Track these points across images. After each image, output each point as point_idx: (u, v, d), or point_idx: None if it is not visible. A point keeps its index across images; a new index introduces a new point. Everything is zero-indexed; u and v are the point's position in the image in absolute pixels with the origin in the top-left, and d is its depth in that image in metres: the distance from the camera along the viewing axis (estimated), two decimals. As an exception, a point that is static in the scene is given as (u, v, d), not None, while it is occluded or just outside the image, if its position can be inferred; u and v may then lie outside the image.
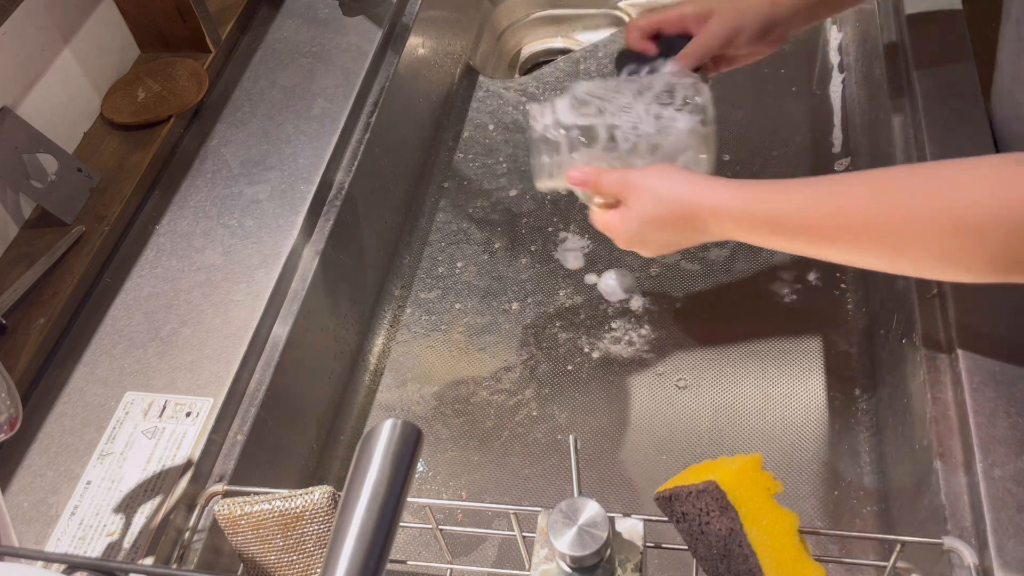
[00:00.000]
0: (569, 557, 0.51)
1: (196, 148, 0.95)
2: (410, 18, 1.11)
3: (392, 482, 0.40)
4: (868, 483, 0.80)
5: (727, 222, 0.65)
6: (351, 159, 0.95)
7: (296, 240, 0.85)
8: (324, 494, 0.62)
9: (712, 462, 0.57)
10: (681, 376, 0.90)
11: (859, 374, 0.87)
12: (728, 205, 0.64)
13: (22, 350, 0.76)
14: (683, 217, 0.67)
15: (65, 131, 0.92)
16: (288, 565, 0.63)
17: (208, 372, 0.76)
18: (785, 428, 0.85)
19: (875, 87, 1.00)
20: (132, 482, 0.69)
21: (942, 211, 0.54)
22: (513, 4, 1.38)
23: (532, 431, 0.89)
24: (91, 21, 0.96)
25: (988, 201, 0.52)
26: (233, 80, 1.02)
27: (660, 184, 0.68)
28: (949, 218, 0.53)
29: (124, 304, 0.82)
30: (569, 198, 1.07)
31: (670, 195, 0.67)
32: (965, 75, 0.86)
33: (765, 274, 0.96)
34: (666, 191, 0.67)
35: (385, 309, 1.01)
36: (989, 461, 0.62)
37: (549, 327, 0.96)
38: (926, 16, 0.93)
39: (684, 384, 0.89)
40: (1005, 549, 0.58)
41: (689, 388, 0.89)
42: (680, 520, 0.58)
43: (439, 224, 1.08)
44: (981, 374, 0.66)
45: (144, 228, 0.88)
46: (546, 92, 1.20)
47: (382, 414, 0.93)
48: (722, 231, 0.66)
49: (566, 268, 1.00)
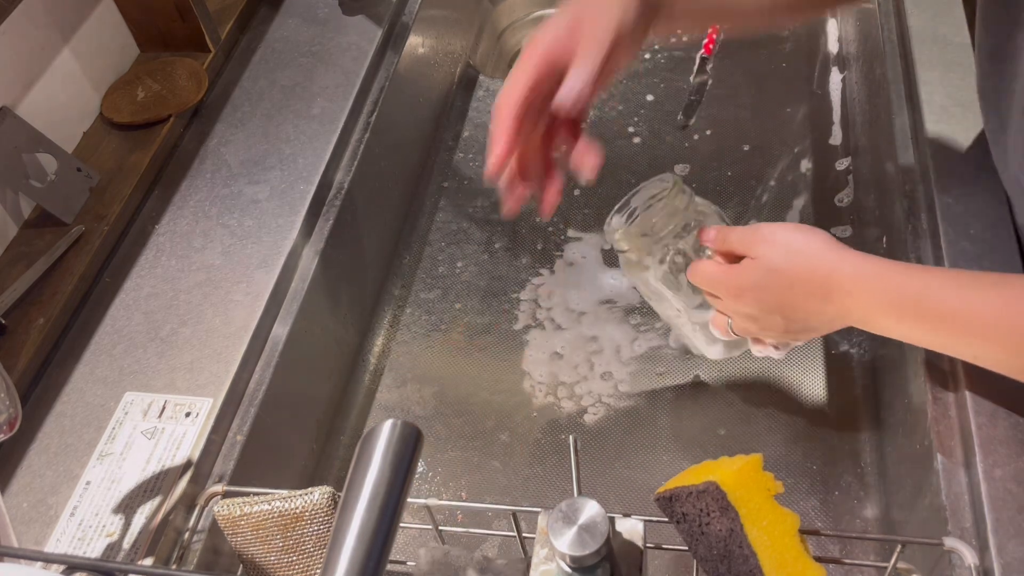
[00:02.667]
0: (569, 557, 0.51)
1: (196, 148, 0.95)
2: (410, 17, 1.11)
3: (392, 482, 0.40)
4: (868, 483, 0.80)
5: (866, 293, 0.57)
6: (351, 159, 0.95)
7: (296, 240, 0.85)
8: (324, 494, 0.62)
9: (712, 462, 0.57)
10: (681, 377, 0.90)
11: (859, 374, 0.87)
12: (874, 272, 0.57)
13: (22, 350, 0.76)
14: (816, 278, 0.58)
15: (65, 131, 0.92)
16: (288, 565, 0.63)
17: (208, 372, 0.76)
18: (785, 428, 0.85)
19: (875, 86, 1.00)
20: (131, 482, 0.69)
21: None
22: (513, 4, 1.38)
23: (532, 431, 0.89)
24: (91, 21, 0.96)
25: None
26: (233, 80, 1.02)
27: (797, 236, 0.59)
28: None
29: (124, 304, 0.82)
30: (570, 199, 1.07)
31: (808, 249, 0.59)
32: (965, 74, 0.86)
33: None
34: (803, 244, 0.59)
35: (385, 309, 1.01)
36: (990, 461, 0.62)
37: (549, 326, 0.96)
38: (926, 16, 0.93)
39: (685, 385, 0.89)
40: (1006, 549, 0.58)
41: (689, 388, 0.89)
42: (680, 520, 0.57)
43: (439, 224, 1.08)
44: (981, 374, 0.66)
45: (144, 228, 0.88)
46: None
47: (382, 414, 0.93)
48: (855, 304, 0.57)
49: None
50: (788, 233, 0.60)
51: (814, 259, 0.58)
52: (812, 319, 0.61)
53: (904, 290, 0.56)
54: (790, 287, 0.59)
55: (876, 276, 0.57)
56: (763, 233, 0.61)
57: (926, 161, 0.80)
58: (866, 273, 0.57)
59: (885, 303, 0.56)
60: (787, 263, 0.59)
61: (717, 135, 1.10)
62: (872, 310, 0.57)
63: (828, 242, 0.59)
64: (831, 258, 0.58)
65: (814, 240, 0.59)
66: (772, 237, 0.60)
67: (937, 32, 0.91)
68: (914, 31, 0.92)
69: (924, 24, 0.92)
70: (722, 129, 1.11)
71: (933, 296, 0.55)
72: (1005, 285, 0.54)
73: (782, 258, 0.59)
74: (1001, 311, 0.53)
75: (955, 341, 0.56)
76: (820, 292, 0.58)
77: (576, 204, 1.07)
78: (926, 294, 0.55)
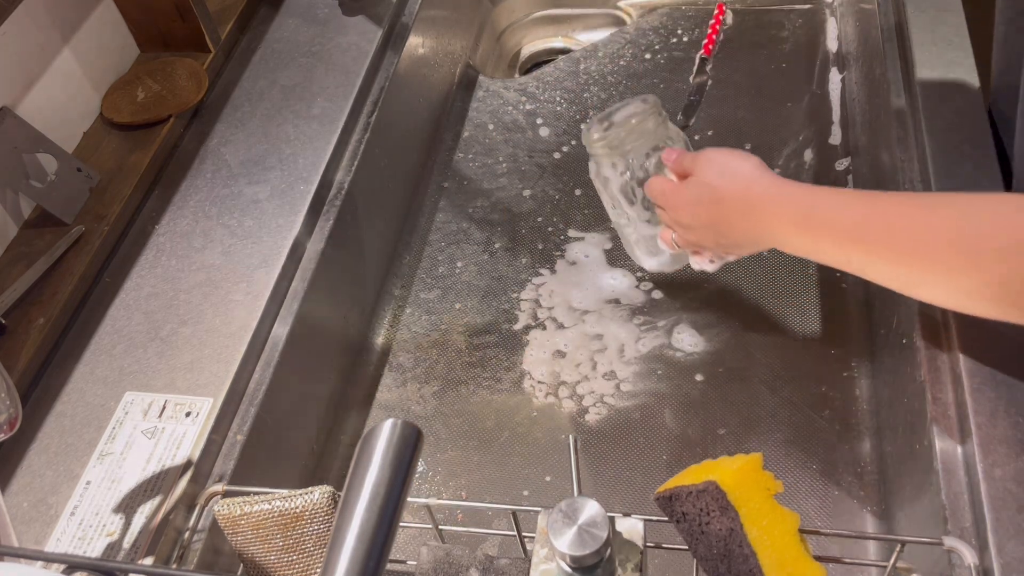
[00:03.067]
0: (569, 557, 0.51)
1: (196, 148, 0.95)
2: (410, 18, 1.11)
3: (392, 482, 0.40)
4: (868, 483, 0.80)
5: (777, 210, 0.63)
6: (351, 159, 0.95)
7: (296, 240, 0.85)
8: (324, 494, 0.62)
9: (712, 462, 0.57)
10: (681, 377, 0.90)
11: (859, 374, 0.87)
12: (785, 192, 0.63)
13: (22, 350, 0.76)
14: (740, 196, 0.65)
15: (65, 131, 0.92)
16: (288, 565, 0.63)
17: (208, 372, 0.76)
18: (785, 428, 0.85)
19: (875, 86, 1.00)
20: (132, 482, 0.69)
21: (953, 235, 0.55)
22: (513, 4, 1.38)
23: (532, 431, 0.89)
24: (91, 21, 0.96)
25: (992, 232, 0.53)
26: (233, 80, 1.02)
27: (731, 159, 0.66)
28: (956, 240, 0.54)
29: (124, 304, 0.82)
30: (571, 199, 1.07)
31: (739, 171, 0.65)
32: (965, 74, 0.86)
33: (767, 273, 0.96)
34: (736, 166, 0.66)
35: (385, 309, 1.01)
36: (989, 461, 0.62)
37: (549, 326, 0.96)
38: (926, 16, 0.93)
39: (685, 385, 0.89)
40: (1005, 549, 0.58)
41: (689, 388, 0.89)
42: (680, 520, 0.58)
43: (439, 224, 1.08)
44: (981, 374, 0.66)
45: (144, 228, 0.88)
46: (546, 92, 1.20)
47: (382, 414, 0.93)
48: (770, 222, 0.64)
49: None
50: (725, 156, 0.67)
51: (741, 180, 0.65)
52: (737, 234, 0.67)
53: (802, 205, 0.62)
54: (719, 202, 0.66)
55: (786, 195, 0.63)
56: (707, 155, 0.68)
57: (925, 161, 0.80)
58: (778, 193, 0.63)
59: (789, 219, 0.62)
60: (719, 181, 0.66)
61: (718, 135, 1.10)
62: (782, 227, 0.63)
63: (758, 167, 0.65)
64: (755, 180, 0.65)
65: (745, 164, 0.66)
66: (711, 158, 0.68)
67: (937, 32, 0.91)
68: (914, 31, 0.92)
69: (924, 24, 0.92)
70: (722, 129, 1.11)
71: (825, 211, 0.61)
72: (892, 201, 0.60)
73: (716, 177, 0.66)
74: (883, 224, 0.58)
75: (839, 252, 0.61)
76: (743, 208, 0.65)
77: (577, 204, 1.07)
78: (820, 209, 0.61)
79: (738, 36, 1.22)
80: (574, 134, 1.14)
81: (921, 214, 0.57)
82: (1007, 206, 0.54)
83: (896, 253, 0.58)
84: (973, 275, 0.54)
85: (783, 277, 0.95)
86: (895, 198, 0.61)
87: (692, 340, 0.92)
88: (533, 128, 1.16)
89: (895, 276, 0.60)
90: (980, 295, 0.55)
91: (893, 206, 0.59)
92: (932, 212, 0.57)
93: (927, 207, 0.58)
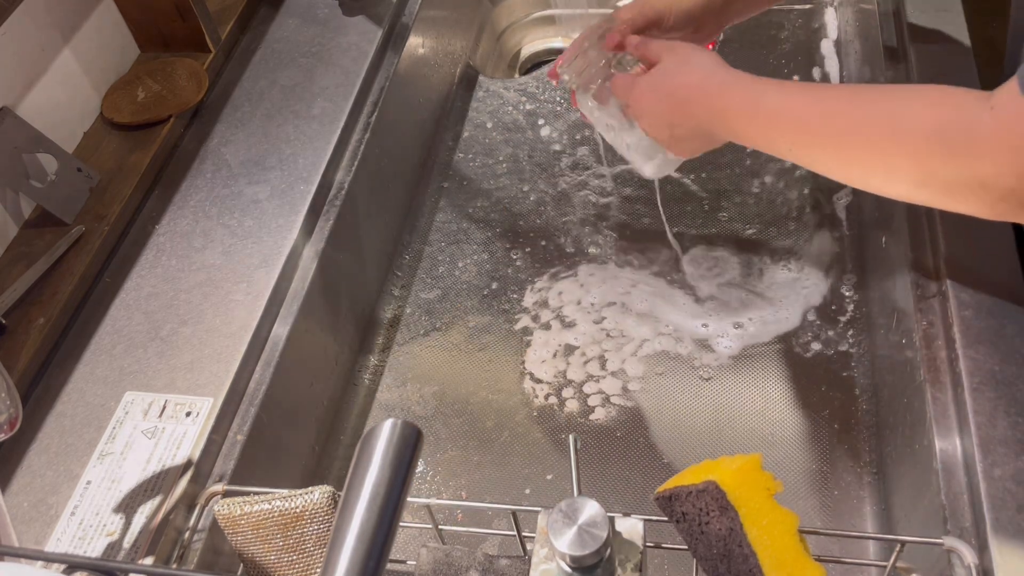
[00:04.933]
0: (569, 557, 0.51)
1: (196, 148, 0.95)
2: (410, 18, 1.11)
3: (392, 482, 0.40)
4: (868, 483, 0.80)
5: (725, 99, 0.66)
6: (351, 159, 0.95)
7: (296, 240, 0.85)
8: (324, 494, 0.62)
9: (712, 462, 0.57)
10: (681, 377, 0.90)
11: (859, 374, 0.87)
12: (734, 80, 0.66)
13: (22, 350, 0.76)
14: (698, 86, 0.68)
15: (65, 131, 0.92)
16: (288, 565, 0.63)
17: (208, 372, 0.76)
18: (785, 428, 0.85)
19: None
20: (132, 482, 0.69)
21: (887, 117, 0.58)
22: (513, 4, 1.38)
23: (532, 431, 0.89)
24: (91, 21, 0.96)
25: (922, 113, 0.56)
26: (233, 80, 1.02)
27: (693, 52, 0.70)
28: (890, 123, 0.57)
29: (124, 304, 0.82)
30: (570, 200, 1.07)
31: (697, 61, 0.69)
32: (965, 74, 0.86)
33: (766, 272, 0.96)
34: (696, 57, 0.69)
35: (385, 309, 1.01)
36: (989, 461, 0.62)
37: (549, 326, 0.96)
38: (926, 16, 0.93)
39: (684, 385, 0.89)
40: (1005, 549, 0.58)
41: (689, 388, 0.89)
42: (680, 520, 0.58)
43: (439, 224, 1.08)
44: (981, 374, 0.66)
45: (144, 228, 0.88)
46: (546, 92, 1.20)
47: (382, 414, 0.93)
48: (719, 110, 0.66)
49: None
50: (686, 48, 0.70)
51: (698, 70, 0.68)
52: (692, 123, 0.69)
53: (751, 93, 0.65)
54: (675, 90, 0.69)
55: (738, 85, 0.66)
56: (669, 44, 0.71)
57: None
58: (733, 82, 0.66)
59: (740, 108, 0.65)
60: (677, 69, 0.69)
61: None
62: (733, 115, 0.66)
63: (715, 61, 0.68)
64: (712, 72, 0.67)
65: (705, 57, 0.69)
66: (673, 47, 0.70)
67: (937, 32, 0.91)
68: (914, 31, 0.92)
69: (924, 24, 0.92)
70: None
71: (772, 100, 0.64)
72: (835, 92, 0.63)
73: (675, 66, 0.69)
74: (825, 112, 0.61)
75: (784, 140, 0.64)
76: (698, 97, 0.68)
77: (576, 204, 1.06)
78: (768, 97, 0.64)
79: (738, 36, 1.22)
80: (575, 134, 1.14)
81: (861, 103, 0.59)
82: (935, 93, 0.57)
83: (836, 141, 0.60)
84: (903, 159, 0.57)
85: (783, 275, 0.95)
86: (839, 91, 0.64)
87: (693, 340, 0.92)
88: (533, 128, 1.16)
89: (836, 165, 0.62)
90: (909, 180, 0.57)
91: (835, 99, 0.62)
92: (869, 103, 0.59)
93: (865, 99, 0.60)
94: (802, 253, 0.97)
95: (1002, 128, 0.51)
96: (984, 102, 0.53)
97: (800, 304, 0.93)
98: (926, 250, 0.77)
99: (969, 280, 0.72)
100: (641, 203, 1.05)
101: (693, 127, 0.69)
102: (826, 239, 0.98)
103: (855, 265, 0.95)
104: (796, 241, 0.98)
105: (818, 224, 1.00)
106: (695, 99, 0.68)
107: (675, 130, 0.70)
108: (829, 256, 0.96)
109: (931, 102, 0.56)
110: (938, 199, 0.57)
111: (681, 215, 1.03)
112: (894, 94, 0.59)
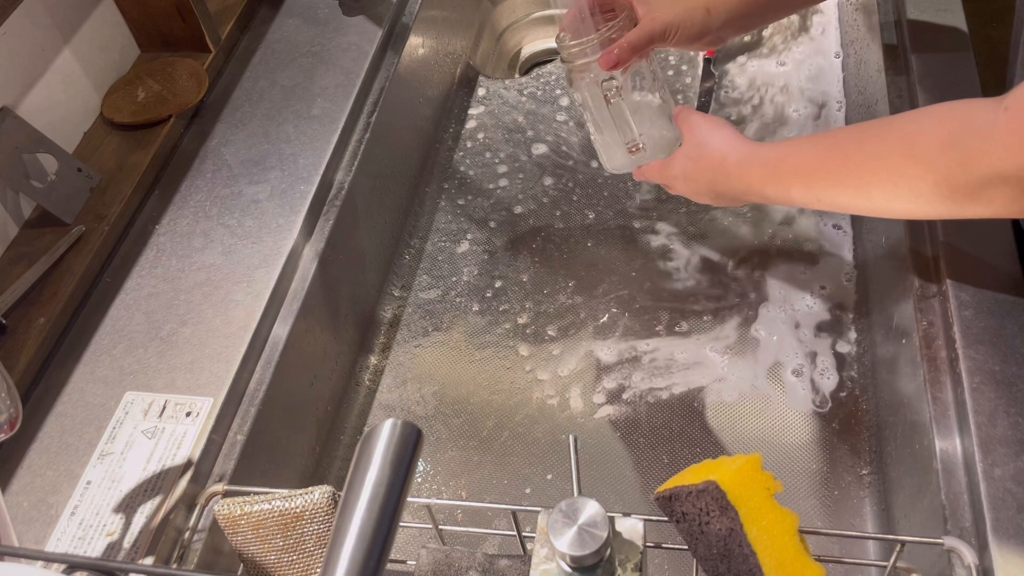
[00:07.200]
0: (569, 557, 0.51)
1: (196, 148, 0.95)
2: (410, 18, 1.11)
3: (392, 482, 0.40)
4: (868, 483, 0.80)
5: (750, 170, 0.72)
6: (351, 159, 0.95)
7: (296, 240, 0.85)
8: (324, 494, 0.62)
9: (712, 462, 0.57)
10: (681, 377, 0.90)
11: (859, 374, 0.87)
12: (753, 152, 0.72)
13: (22, 350, 0.76)
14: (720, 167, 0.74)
15: (65, 131, 0.92)
16: (288, 565, 0.64)
17: (208, 372, 0.76)
18: (785, 428, 0.85)
19: (875, 86, 1.00)
20: (132, 482, 0.69)
21: (900, 140, 0.60)
22: (513, 4, 1.38)
23: (532, 431, 0.89)
24: (91, 21, 0.96)
25: (933, 129, 0.58)
26: (233, 80, 1.02)
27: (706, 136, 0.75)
28: (904, 145, 0.59)
29: (124, 304, 0.82)
30: (570, 200, 1.07)
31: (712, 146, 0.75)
32: (965, 75, 0.86)
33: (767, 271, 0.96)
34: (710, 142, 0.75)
35: (385, 309, 1.01)
36: (989, 461, 0.62)
37: (549, 327, 0.96)
38: (926, 16, 0.93)
39: (685, 385, 0.89)
40: (1005, 549, 0.58)
41: (689, 389, 0.89)
42: (680, 520, 0.58)
43: (439, 224, 1.08)
44: (981, 374, 0.66)
45: (144, 228, 0.88)
46: (546, 92, 1.20)
47: (382, 414, 0.93)
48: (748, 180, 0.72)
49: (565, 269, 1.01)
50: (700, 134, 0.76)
51: (716, 154, 0.74)
52: (731, 192, 0.75)
53: (770, 162, 0.70)
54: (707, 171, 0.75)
55: (755, 158, 0.72)
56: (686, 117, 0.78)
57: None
58: (749, 156, 0.72)
59: (761, 177, 0.71)
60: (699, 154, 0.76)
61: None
62: (756, 185, 0.71)
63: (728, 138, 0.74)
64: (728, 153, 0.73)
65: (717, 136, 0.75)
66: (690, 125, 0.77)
67: (937, 32, 0.91)
68: (914, 31, 0.92)
69: (924, 24, 0.92)
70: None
71: (790, 161, 0.69)
72: (846, 135, 0.67)
73: (696, 151, 0.76)
74: (841, 155, 0.64)
75: (808, 193, 0.68)
76: (722, 178, 0.74)
77: (576, 203, 1.06)
78: (786, 161, 0.69)
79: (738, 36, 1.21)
80: (574, 133, 1.14)
81: (871, 136, 0.63)
82: (943, 108, 0.59)
83: (856, 177, 0.63)
84: (924, 176, 0.58)
85: (783, 273, 0.95)
86: (849, 132, 0.68)
87: (689, 341, 0.92)
88: (533, 128, 1.16)
89: (859, 199, 0.64)
90: (932, 195, 0.58)
91: (847, 140, 0.65)
92: (880, 133, 0.62)
93: (876, 131, 0.63)
94: (802, 253, 0.97)
95: (1019, 125, 0.52)
96: (995, 106, 0.54)
97: (800, 304, 0.93)
98: (926, 250, 0.77)
99: (969, 280, 0.72)
100: (640, 204, 1.05)
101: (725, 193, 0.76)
102: (826, 239, 0.98)
103: (855, 264, 0.95)
104: (796, 241, 0.98)
105: (817, 224, 1.00)
106: (720, 180, 0.74)
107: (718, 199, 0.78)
108: (829, 256, 0.96)
109: (940, 117, 0.58)
110: (967, 208, 0.58)
111: (674, 210, 1.03)
112: (902, 119, 0.62)
